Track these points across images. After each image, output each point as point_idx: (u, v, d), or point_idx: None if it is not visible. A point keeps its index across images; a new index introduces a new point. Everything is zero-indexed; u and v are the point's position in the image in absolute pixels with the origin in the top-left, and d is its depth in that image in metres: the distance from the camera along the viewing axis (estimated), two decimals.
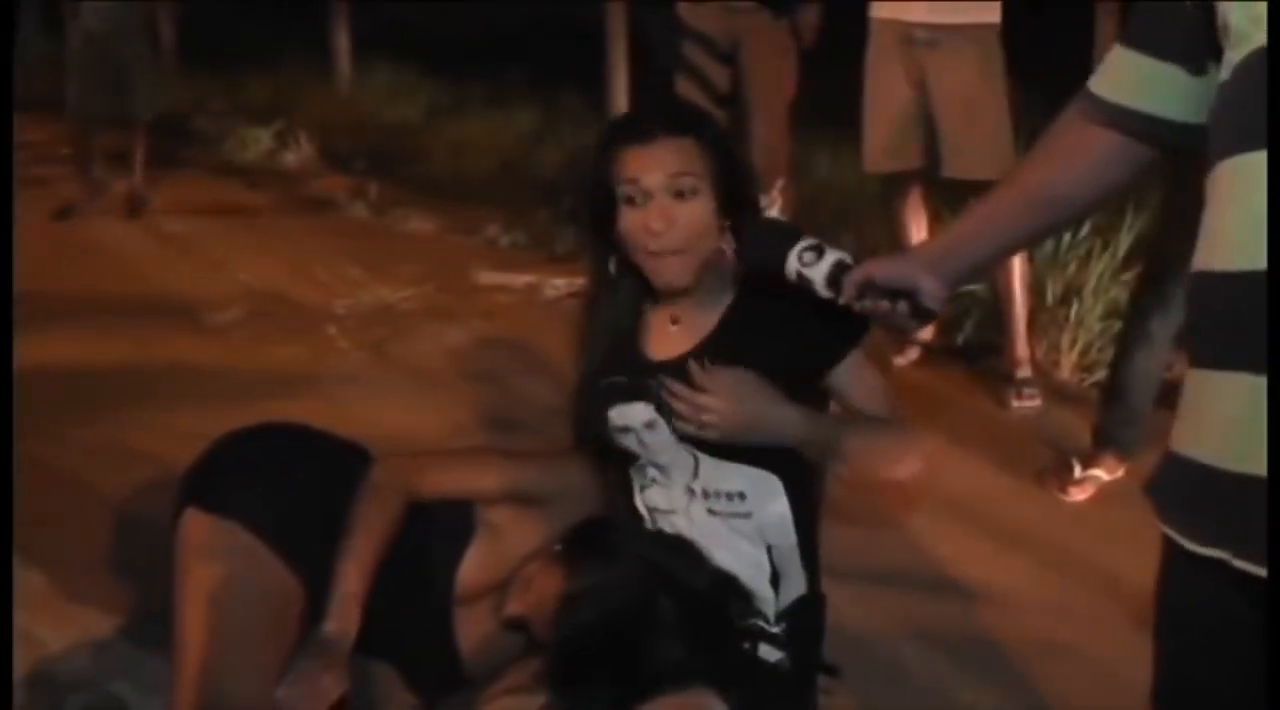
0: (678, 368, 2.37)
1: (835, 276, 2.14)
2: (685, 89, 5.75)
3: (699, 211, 2.36)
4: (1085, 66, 5.32)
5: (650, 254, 2.37)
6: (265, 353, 5.37)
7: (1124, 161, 1.82)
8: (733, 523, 2.37)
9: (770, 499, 2.37)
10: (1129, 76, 1.76)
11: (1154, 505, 1.62)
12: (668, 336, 2.45)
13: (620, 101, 7.99)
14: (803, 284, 2.18)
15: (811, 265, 2.16)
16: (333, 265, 6.69)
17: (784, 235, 2.23)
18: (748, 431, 2.30)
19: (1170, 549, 1.60)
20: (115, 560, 3.59)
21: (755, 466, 2.34)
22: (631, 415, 2.41)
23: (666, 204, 2.34)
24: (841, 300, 2.13)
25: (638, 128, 2.44)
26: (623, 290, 2.49)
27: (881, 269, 2.07)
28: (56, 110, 8.39)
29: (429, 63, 11.10)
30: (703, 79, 5.77)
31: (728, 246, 2.41)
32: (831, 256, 2.16)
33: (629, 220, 2.37)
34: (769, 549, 2.39)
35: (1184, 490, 1.56)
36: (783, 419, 2.30)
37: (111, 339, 5.45)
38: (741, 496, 2.36)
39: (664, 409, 2.36)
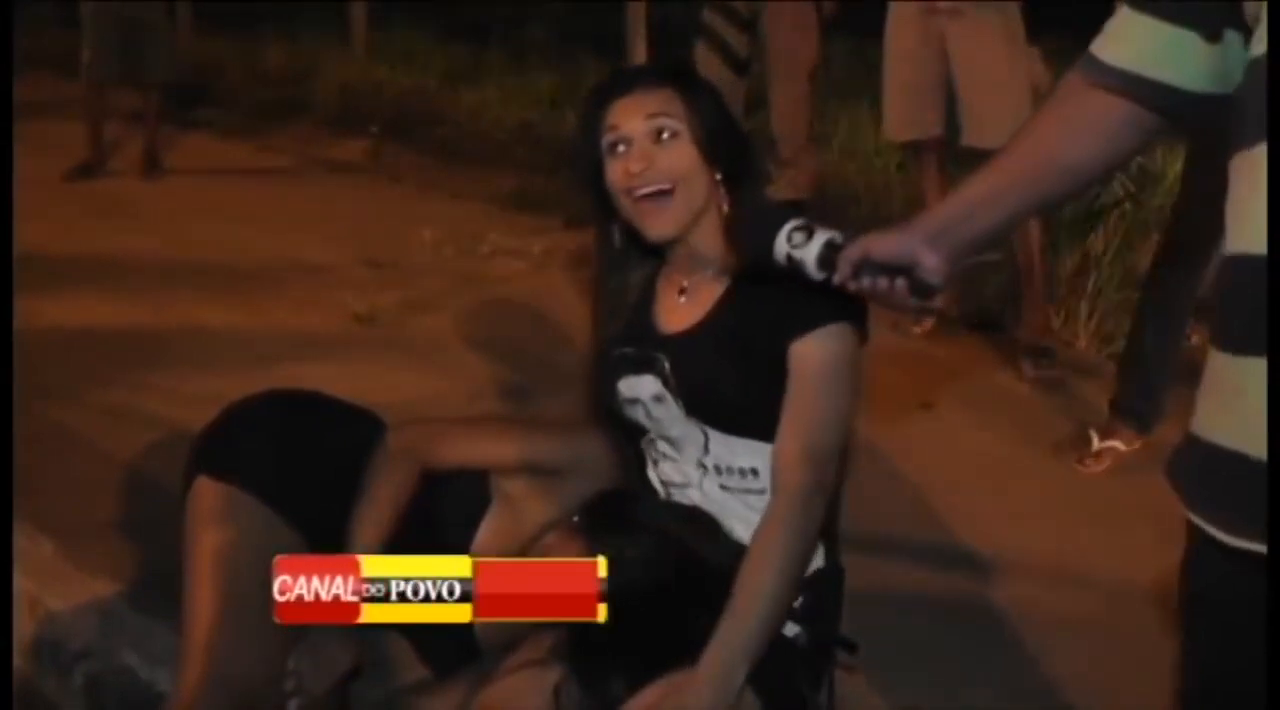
0: (684, 341, 2.35)
1: (827, 256, 2.03)
2: (705, 56, 5.72)
3: (680, 153, 2.34)
4: None
5: (634, 199, 2.35)
6: (279, 317, 5.36)
7: (1132, 130, 1.75)
8: (746, 498, 2.34)
9: None
10: (1139, 42, 1.68)
11: (1179, 492, 1.56)
12: (676, 308, 2.43)
13: None
14: (793, 267, 2.07)
15: (801, 246, 2.05)
16: (347, 229, 6.66)
17: (772, 217, 2.13)
18: None
19: (1198, 536, 1.55)
20: (126, 527, 3.58)
21: (768, 442, 2.30)
22: (640, 388, 2.38)
23: (646, 146, 2.34)
24: (836, 280, 2.03)
25: (616, 82, 2.48)
26: (632, 260, 2.48)
27: (878, 245, 1.96)
28: (71, 71, 8.35)
29: (447, 26, 11.05)
30: (723, 46, 5.73)
31: (724, 203, 2.37)
32: (822, 236, 2.05)
33: (613, 171, 2.37)
34: None
35: (1213, 478, 1.51)
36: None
37: (125, 301, 5.44)
38: (754, 473, 2.33)
39: (671, 384, 2.34)
